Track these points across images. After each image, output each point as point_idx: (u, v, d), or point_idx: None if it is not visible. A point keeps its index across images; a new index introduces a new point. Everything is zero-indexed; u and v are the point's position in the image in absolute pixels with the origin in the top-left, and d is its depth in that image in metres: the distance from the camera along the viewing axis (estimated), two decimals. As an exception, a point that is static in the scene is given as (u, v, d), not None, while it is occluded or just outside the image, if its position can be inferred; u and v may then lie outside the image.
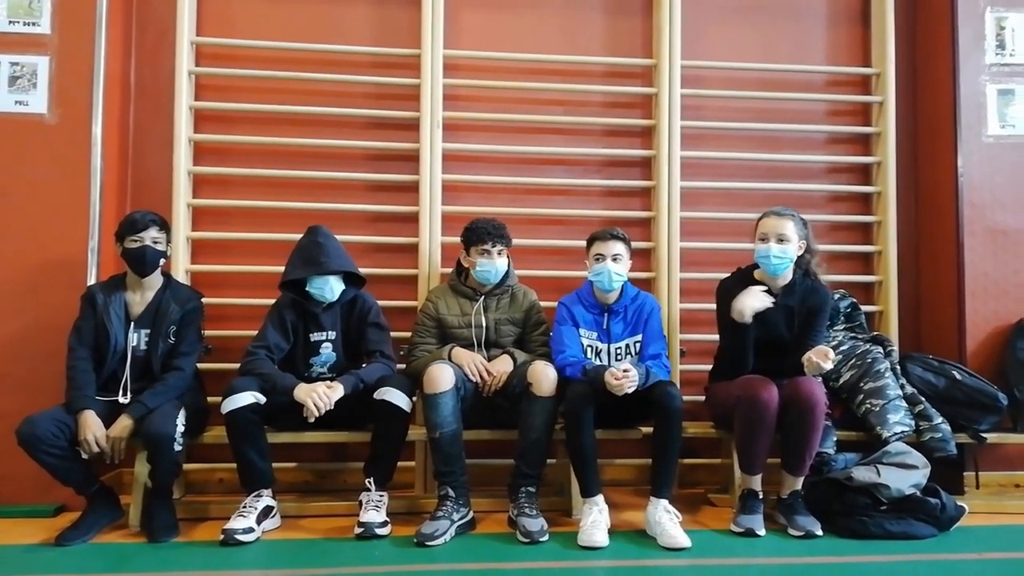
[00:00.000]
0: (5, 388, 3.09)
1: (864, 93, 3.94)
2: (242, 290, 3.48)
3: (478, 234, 3.17)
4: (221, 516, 2.82)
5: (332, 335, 3.11)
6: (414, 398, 2.99)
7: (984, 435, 3.29)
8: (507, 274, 3.26)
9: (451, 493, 2.84)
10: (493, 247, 3.15)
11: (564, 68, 3.79)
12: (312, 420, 2.83)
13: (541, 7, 3.81)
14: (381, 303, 3.25)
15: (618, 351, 3.12)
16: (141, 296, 3.00)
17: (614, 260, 3.07)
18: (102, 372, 2.90)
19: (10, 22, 3.24)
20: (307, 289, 3.05)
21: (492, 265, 3.15)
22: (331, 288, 3.05)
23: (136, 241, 2.94)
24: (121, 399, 2.88)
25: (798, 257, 3.06)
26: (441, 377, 2.88)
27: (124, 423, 2.77)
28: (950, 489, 3.07)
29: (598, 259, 3.09)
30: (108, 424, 2.77)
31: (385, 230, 3.64)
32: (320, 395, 2.82)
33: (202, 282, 3.42)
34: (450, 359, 3.04)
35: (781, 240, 2.99)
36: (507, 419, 3.02)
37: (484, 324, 3.17)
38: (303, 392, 2.83)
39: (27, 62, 3.23)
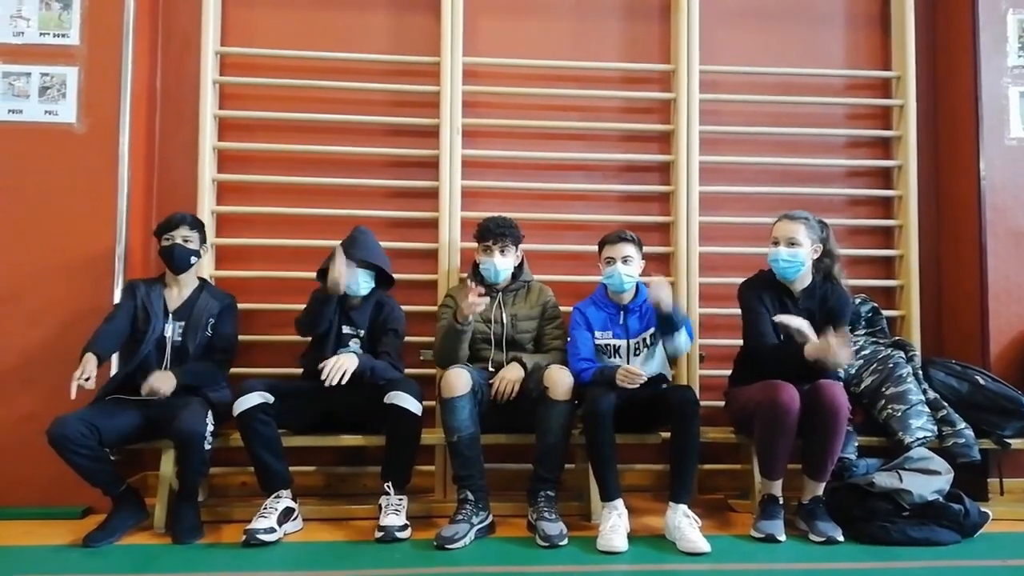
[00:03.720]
0: (34, 392, 3.16)
1: (884, 97, 3.92)
2: (266, 295, 3.53)
3: (481, 231, 3.23)
4: (244, 519, 2.85)
5: (361, 332, 3.17)
6: (424, 402, 3.01)
7: (1008, 440, 3.25)
8: (522, 271, 3.30)
9: (470, 497, 2.86)
10: (494, 244, 3.18)
11: (582, 74, 3.81)
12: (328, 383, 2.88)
13: (559, 14, 3.84)
14: (402, 308, 3.28)
15: (636, 345, 3.14)
16: (178, 292, 3.12)
17: (624, 262, 3.09)
18: (135, 358, 2.97)
19: (40, 34, 3.32)
20: None
21: (492, 263, 3.18)
22: (357, 281, 3.12)
23: (168, 239, 3.06)
24: None
25: (816, 261, 3.06)
26: (458, 381, 2.90)
27: (170, 376, 2.87)
28: (974, 495, 3.03)
29: (608, 262, 3.12)
30: (139, 431, 2.86)
31: (405, 236, 3.67)
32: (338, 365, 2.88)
33: (227, 287, 3.45)
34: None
35: (792, 244, 3.01)
36: (525, 424, 3.03)
37: (502, 320, 3.20)
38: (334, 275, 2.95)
39: (57, 73, 3.31)
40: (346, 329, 3.17)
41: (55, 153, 3.28)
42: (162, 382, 2.84)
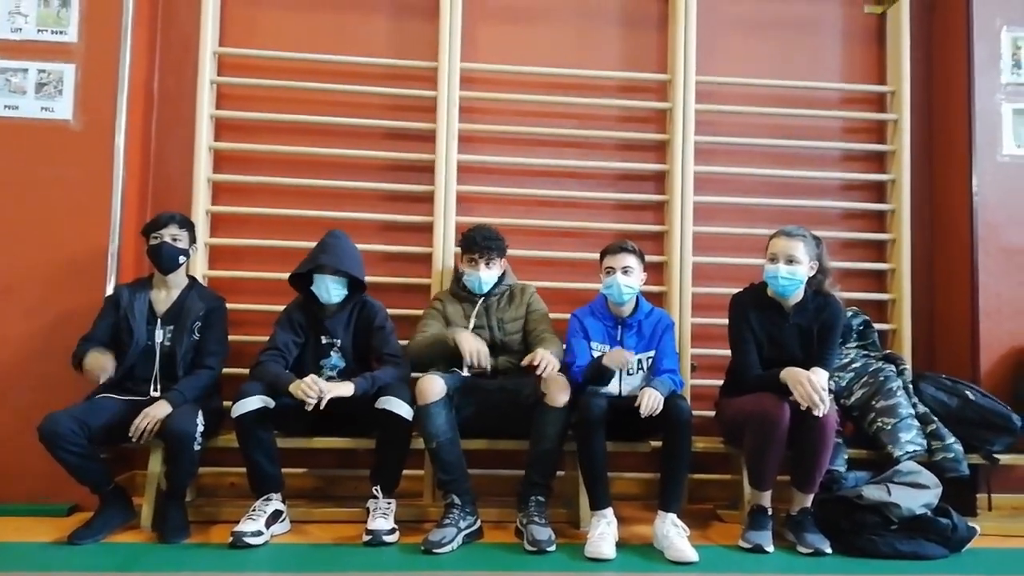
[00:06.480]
0: (24, 386, 3.15)
1: (879, 111, 3.94)
2: (258, 296, 3.52)
3: (467, 243, 3.22)
4: (231, 520, 2.84)
5: (339, 342, 3.14)
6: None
7: (997, 456, 3.26)
8: (505, 276, 3.29)
9: (456, 501, 2.86)
10: (480, 258, 3.18)
11: (579, 82, 3.82)
12: (309, 408, 2.79)
13: (557, 21, 3.85)
14: (394, 311, 3.29)
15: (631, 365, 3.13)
16: (166, 295, 3.09)
17: (624, 272, 3.09)
18: (120, 367, 2.95)
19: (38, 30, 3.32)
20: (311, 289, 3.11)
21: (476, 276, 3.19)
22: (327, 289, 3.08)
23: (156, 238, 3.04)
24: (154, 393, 2.96)
25: (810, 277, 3.06)
26: (431, 388, 2.90)
27: (164, 407, 2.82)
28: (962, 510, 3.03)
29: (608, 272, 3.12)
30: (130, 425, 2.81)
31: (399, 239, 3.68)
32: (309, 385, 2.79)
33: (219, 287, 3.45)
34: (453, 343, 3.03)
35: (791, 261, 2.96)
36: (517, 430, 3.03)
37: (489, 326, 3.21)
38: (295, 387, 2.82)
39: (54, 69, 3.31)
40: (324, 340, 3.14)
41: (51, 150, 3.28)
42: (157, 411, 2.81)
